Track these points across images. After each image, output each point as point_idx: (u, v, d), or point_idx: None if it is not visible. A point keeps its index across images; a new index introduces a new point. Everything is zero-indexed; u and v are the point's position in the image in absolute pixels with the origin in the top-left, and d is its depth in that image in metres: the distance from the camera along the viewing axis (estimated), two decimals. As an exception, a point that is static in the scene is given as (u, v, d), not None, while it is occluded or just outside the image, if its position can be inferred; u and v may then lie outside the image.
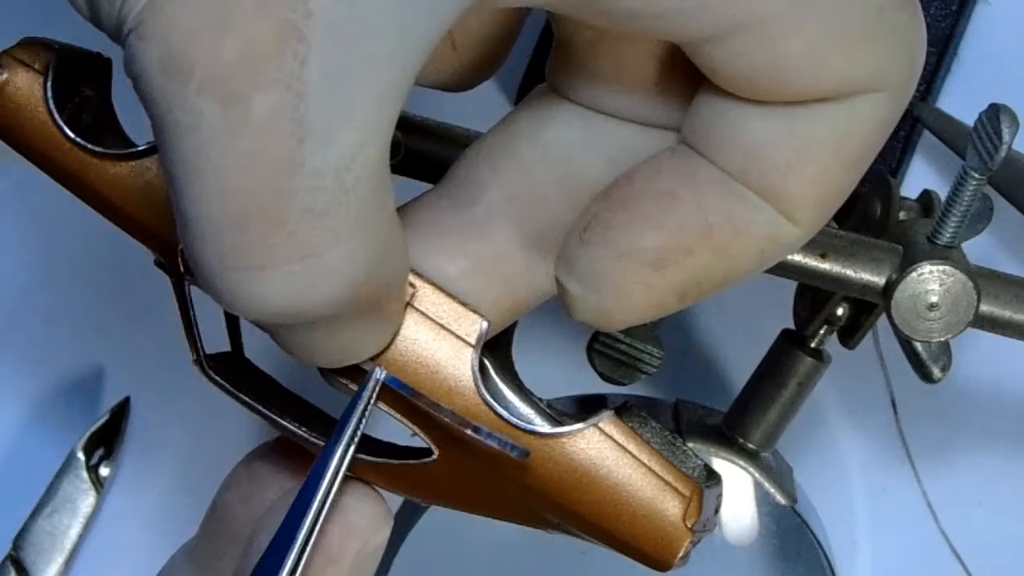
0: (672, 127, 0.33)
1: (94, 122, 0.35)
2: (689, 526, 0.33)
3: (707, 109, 0.31)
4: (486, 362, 0.33)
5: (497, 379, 0.34)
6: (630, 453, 0.33)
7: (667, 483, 0.33)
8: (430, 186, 0.35)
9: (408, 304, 0.32)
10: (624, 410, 0.33)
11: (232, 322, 0.37)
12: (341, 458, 0.32)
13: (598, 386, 0.54)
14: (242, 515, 0.37)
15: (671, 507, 0.33)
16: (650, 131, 0.33)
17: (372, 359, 0.32)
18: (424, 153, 0.47)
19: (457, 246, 0.33)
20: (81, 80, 0.35)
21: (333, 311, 0.28)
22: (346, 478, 0.33)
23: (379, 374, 0.32)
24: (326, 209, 0.27)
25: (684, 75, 0.31)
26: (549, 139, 0.33)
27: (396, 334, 0.32)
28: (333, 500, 0.32)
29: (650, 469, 0.33)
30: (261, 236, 0.27)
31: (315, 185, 0.26)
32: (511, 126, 0.34)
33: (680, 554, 0.33)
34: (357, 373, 0.32)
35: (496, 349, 0.34)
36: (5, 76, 0.34)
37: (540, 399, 0.35)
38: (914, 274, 0.47)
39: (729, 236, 0.31)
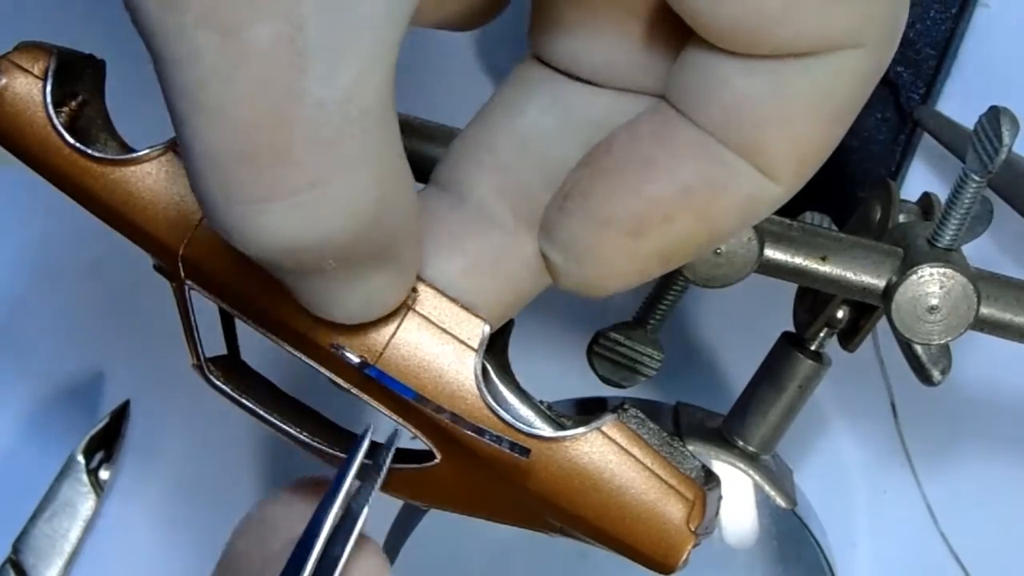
0: (647, 91, 0.33)
1: (90, 126, 0.35)
2: (692, 529, 0.33)
3: (691, 66, 0.31)
4: (487, 366, 0.33)
5: (499, 383, 0.34)
6: (633, 456, 0.33)
7: (670, 486, 0.33)
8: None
9: (409, 308, 0.32)
10: (622, 411, 0.33)
11: (228, 324, 0.37)
12: (338, 512, 0.32)
13: (598, 389, 0.54)
14: (256, 559, 0.36)
15: (675, 510, 0.33)
16: (625, 99, 0.33)
17: (365, 364, 0.32)
18: (421, 155, 0.47)
19: (454, 245, 0.33)
20: (77, 84, 0.35)
21: (342, 248, 0.28)
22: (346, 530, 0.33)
23: (366, 439, 0.33)
24: (331, 139, 0.26)
25: (660, 31, 0.32)
26: (526, 129, 0.33)
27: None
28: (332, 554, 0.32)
29: (653, 472, 0.33)
30: (266, 167, 0.26)
31: (319, 115, 0.26)
32: (489, 117, 0.34)
33: (684, 557, 0.33)
34: (375, 388, 0.32)
35: (493, 352, 0.34)
36: (4, 81, 0.34)
37: (541, 402, 0.35)
38: (914, 277, 0.47)
39: (708, 199, 0.31)
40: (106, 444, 0.64)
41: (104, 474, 0.64)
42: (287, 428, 0.35)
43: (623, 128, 0.32)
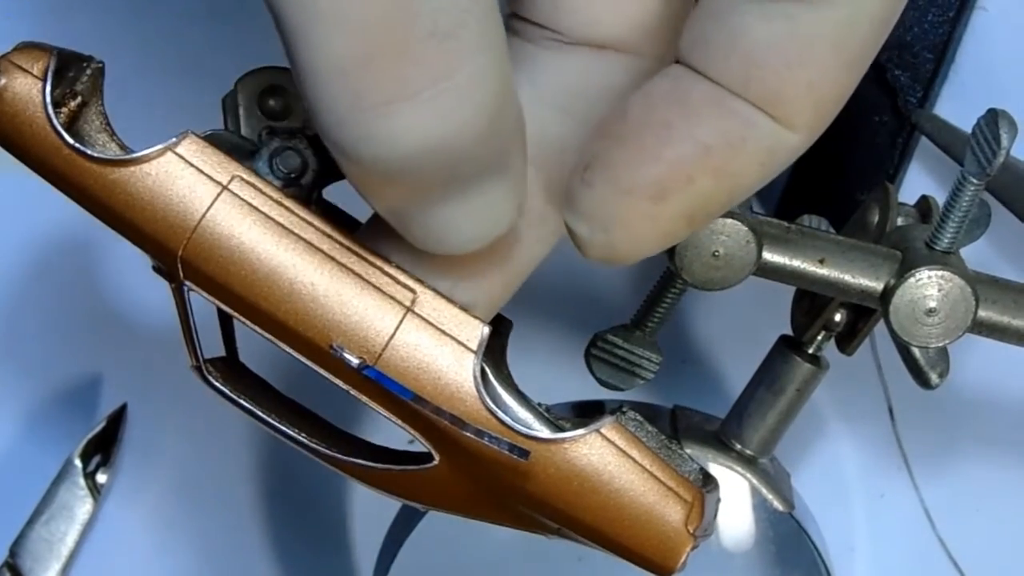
0: (624, 44, 0.33)
1: (89, 127, 0.35)
2: (691, 531, 0.33)
3: (707, 17, 0.31)
4: (486, 368, 0.33)
5: (497, 385, 0.34)
6: (631, 458, 0.33)
7: (669, 488, 0.33)
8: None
9: (408, 309, 0.32)
10: (620, 414, 0.33)
11: (227, 325, 0.37)
12: None
13: (596, 392, 0.53)
14: None
15: (673, 512, 0.33)
16: (599, 58, 0.33)
17: (363, 365, 0.32)
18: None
19: None
20: (76, 85, 0.35)
21: (469, 146, 0.28)
22: None
23: None
24: (449, 30, 0.27)
25: None
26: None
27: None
28: None
29: (652, 474, 0.33)
30: (390, 67, 0.27)
31: (435, 7, 0.26)
32: None
33: (682, 559, 0.33)
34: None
35: (492, 354, 0.34)
36: (3, 81, 0.34)
37: (539, 404, 0.35)
38: (912, 279, 0.47)
39: (728, 156, 0.31)
40: (103, 447, 0.64)
41: (101, 478, 0.64)
42: (286, 429, 0.35)
43: (638, 93, 0.32)
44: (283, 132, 0.38)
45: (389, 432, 0.34)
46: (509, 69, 0.29)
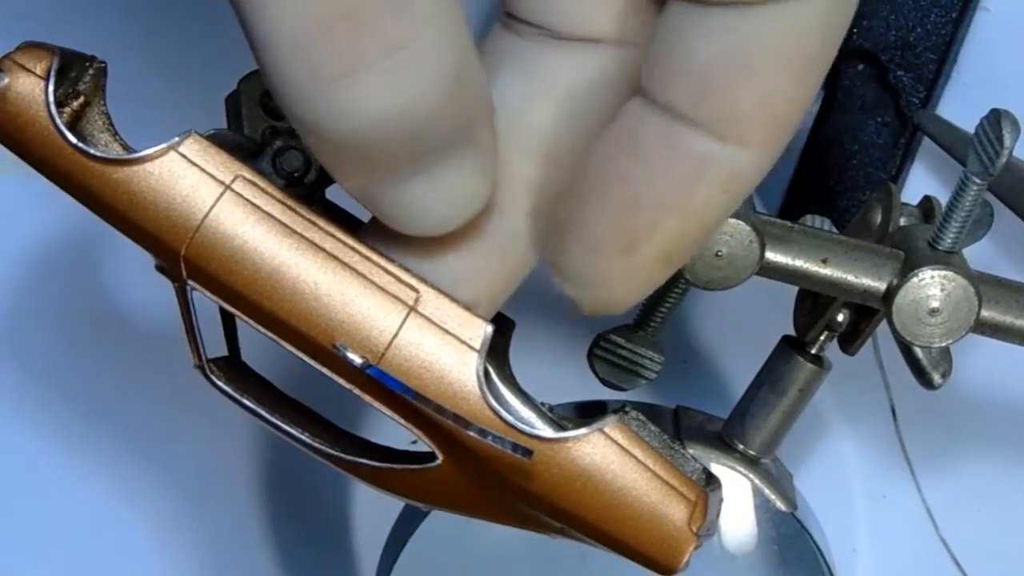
0: (613, 38, 0.33)
1: (92, 127, 0.35)
2: (694, 531, 0.33)
3: (658, 42, 0.31)
4: (489, 367, 0.33)
5: (500, 384, 0.34)
6: (635, 457, 0.33)
7: (672, 487, 0.33)
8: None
9: (411, 309, 0.32)
10: (623, 413, 0.33)
11: (229, 325, 0.37)
12: None
13: (598, 392, 0.54)
14: None
15: (677, 512, 0.33)
16: (591, 52, 0.33)
17: (367, 364, 0.32)
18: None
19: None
20: (79, 84, 0.35)
21: (430, 115, 0.28)
22: None
23: None
24: (405, 1, 0.27)
25: None
26: (497, 101, 0.33)
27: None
28: None
29: (655, 474, 0.33)
30: (348, 38, 0.27)
31: None
32: None
33: (685, 558, 0.33)
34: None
35: (495, 353, 0.34)
36: (7, 81, 0.34)
37: (542, 403, 0.35)
38: (915, 279, 0.47)
39: (688, 194, 0.31)
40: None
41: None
42: (289, 429, 0.35)
43: (593, 147, 0.32)
44: (286, 132, 0.38)
45: (392, 432, 0.34)
46: (468, 40, 0.29)
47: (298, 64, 0.27)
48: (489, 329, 0.33)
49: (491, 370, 0.34)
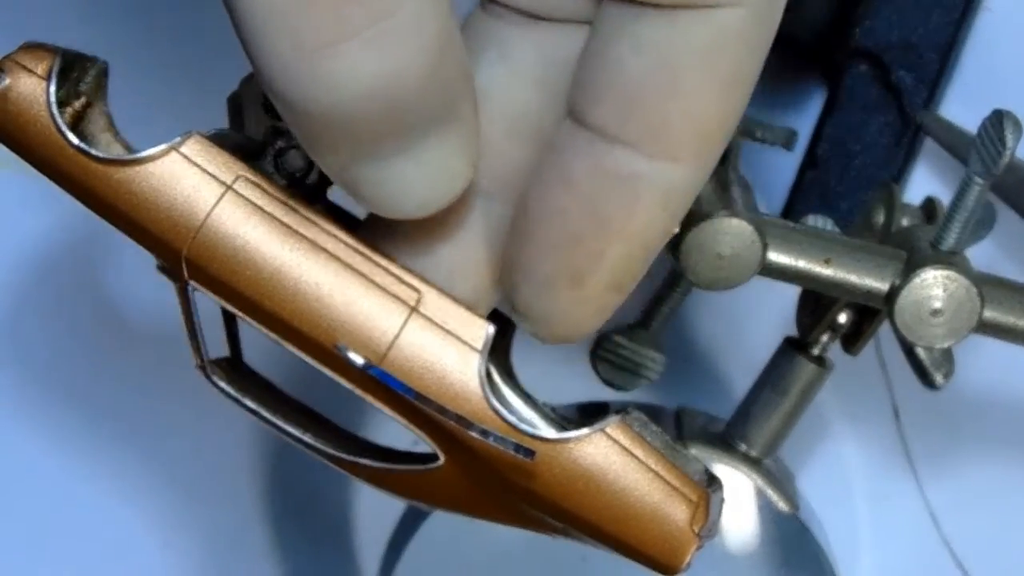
0: (585, 18, 0.32)
1: (93, 127, 0.35)
2: (696, 531, 0.33)
3: (586, 59, 0.31)
4: (491, 367, 0.33)
5: (503, 384, 0.34)
6: (636, 458, 0.32)
7: (674, 488, 0.33)
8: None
9: (413, 309, 0.32)
10: (625, 414, 0.33)
11: (231, 325, 0.37)
12: None
13: (601, 393, 0.54)
14: None
15: (679, 512, 0.33)
16: (568, 31, 0.33)
17: (368, 365, 0.32)
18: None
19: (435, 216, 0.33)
20: (80, 85, 0.35)
21: (414, 89, 0.28)
22: None
23: None
24: None
25: None
26: (478, 84, 0.33)
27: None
28: None
29: (657, 474, 0.33)
30: (331, 5, 0.27)
31: None
32: None
33: (687, 559, 0.33)
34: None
35: (497, 354, 0.34)
36: (8, 82, 0.34)
37: (544, 404, 0.35)
38: (917, 280, 0.46)
39: (627, 216, 0.31)
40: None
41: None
42: (290, 430, 0.35)
43: (532, 183, 0.32)
44: (288, 131, 0.38)
45: (394, 432, 0.34)
46: (450, 10, 0.29)
47: (280, 36, 0.27)
48: (491, 329, 0.33)
49: (493, 370, 0.34)
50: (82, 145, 0.34)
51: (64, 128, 0.34)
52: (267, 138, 0.38)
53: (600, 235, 0.31)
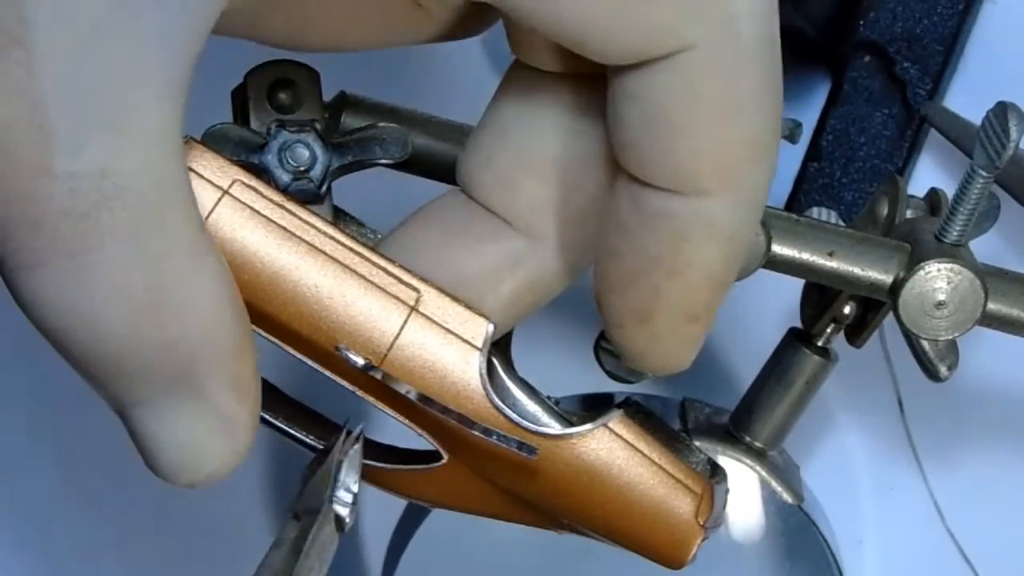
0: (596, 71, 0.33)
1: None
2: (701, 523, 0.33)
3: (608, 113, 0.31)
4: (494, 362, 0.33)
5: (505, 379, 0.34)
6: (640, 452, 0.33)
7: (678, 481, 0.33)
8: (438, 184, 0.35)
9: (413, 309, 0.32)
10: (628, 407, 0.33)
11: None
12: None
13: (605, 384, 0.53)
14: None
15: (683, 505, 0.33)
16: (581, 79, 0.33)
17: (369, 365, 0.32)
18: (432, 152, 0.47)
19: (473, 247, 0.34)
20: None
21: (120, 338, 0.28)
22: None
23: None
24: (85, 212, 0.27)
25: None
26: (514, 133, 0.34)
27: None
28: None
29: (661, 467, 0.33)
30: (25, 238, 0.27)
31: (70, 188, 0.26)
32: (490, 127, 0.34)
33: (693, 551, 0.33)
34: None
35: (498, 348, 0.34)
36: None
37: (548, 397, 0.35)
38: (921, 272, 0.46)
39: (676, 252, 0.31)
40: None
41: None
42: (291, 431, 0.35)
43: (600, 228, 0.32)
44: (292, 125, 0.38)
45: (395, 432, 0.34)
46: (191, 263, 0.29)
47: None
48: (491, 327, 0.32)
49: (495, 366, 0.34)
50: None
51: None
52: (271, 131, 0.38)
53: (654, 273, 0.32)
